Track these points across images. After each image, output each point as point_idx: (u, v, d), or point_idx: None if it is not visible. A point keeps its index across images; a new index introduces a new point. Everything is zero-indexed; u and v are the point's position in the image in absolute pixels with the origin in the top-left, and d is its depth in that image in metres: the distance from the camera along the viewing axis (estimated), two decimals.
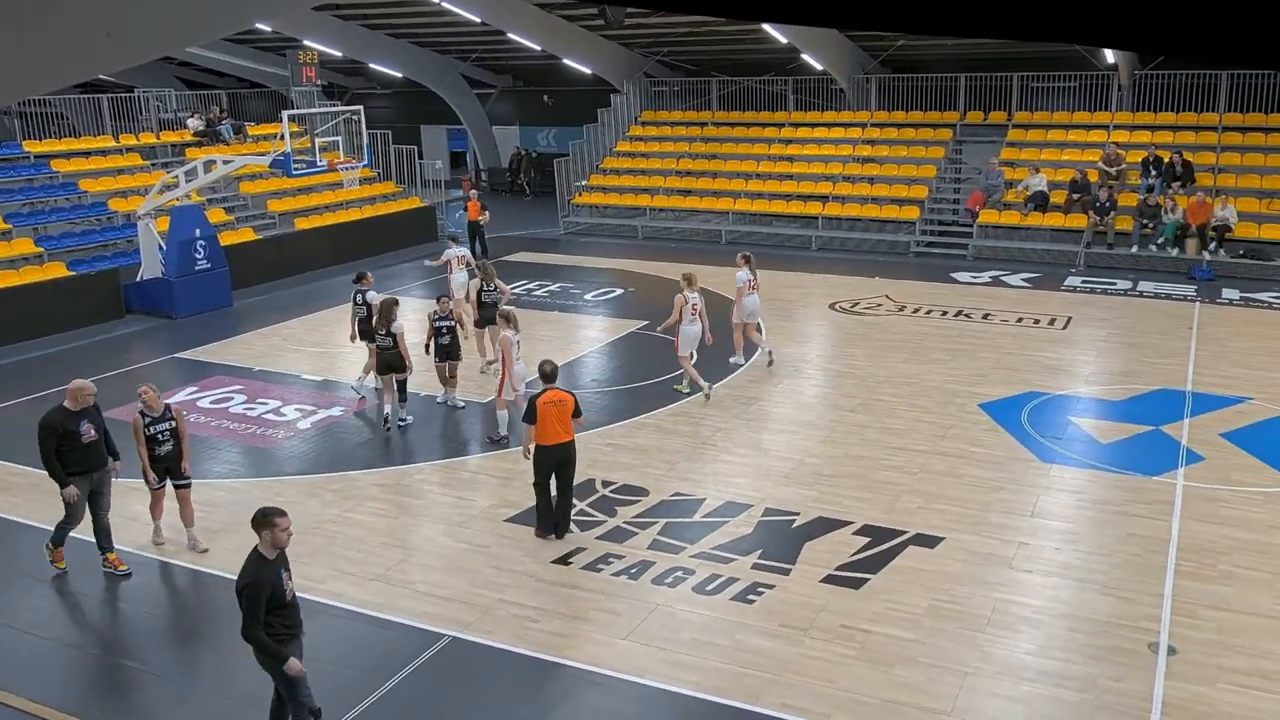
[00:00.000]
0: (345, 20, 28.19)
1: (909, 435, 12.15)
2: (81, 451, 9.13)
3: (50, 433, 9.02)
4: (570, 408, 9.80)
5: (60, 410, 9.15)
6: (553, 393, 9.82)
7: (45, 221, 20.34)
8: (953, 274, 20.87)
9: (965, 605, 8.45)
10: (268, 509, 6.51)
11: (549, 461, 9.78)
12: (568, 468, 9.89)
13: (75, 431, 9.08)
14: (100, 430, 9.29)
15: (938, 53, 26.30)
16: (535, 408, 9.68)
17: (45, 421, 9.07)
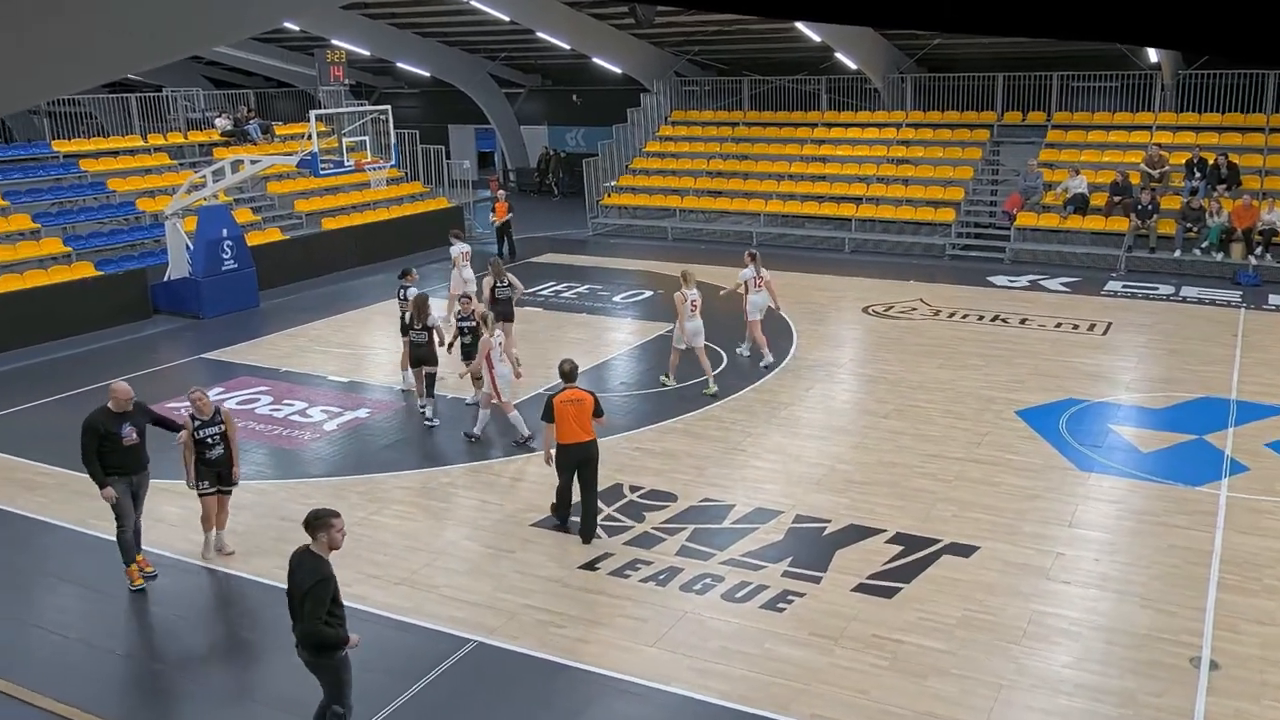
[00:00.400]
0: (373, 19, 28.22)
1: (943, 442, 11.93)
2: (121, 454, 9.05)
3: (92, 434, 8.95)
4: (589, 407, 9.73)
5: (102, 411, 9.08)
6: (571, 391, 9.77)
7: (74, 221, 20.45)
8: (989, 278, 20.56)
9: (1000, 616, 8.29)
10: (322, 510, 6.52)
11: (569, 461, 9.75)
12: (589, 467, 9.80)
13: (116, 434, 9.01)
14: (142, 433, 9.20)
15: (974, 51, 25.96)
16: (552, 406, 9.67)
17: (87, 422, 9.00)
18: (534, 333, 16.86)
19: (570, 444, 9.69)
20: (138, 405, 9.27)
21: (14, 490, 11.35)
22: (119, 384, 9.22)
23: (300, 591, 6.32)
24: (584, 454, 9.75)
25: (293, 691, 7.16)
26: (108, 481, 8.98)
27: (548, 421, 9.74)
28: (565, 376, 9.93)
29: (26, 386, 15.01)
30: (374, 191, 23.97)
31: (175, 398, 14.20)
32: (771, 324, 16.17)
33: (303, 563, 6.44)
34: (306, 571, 6.37)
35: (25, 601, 9.17)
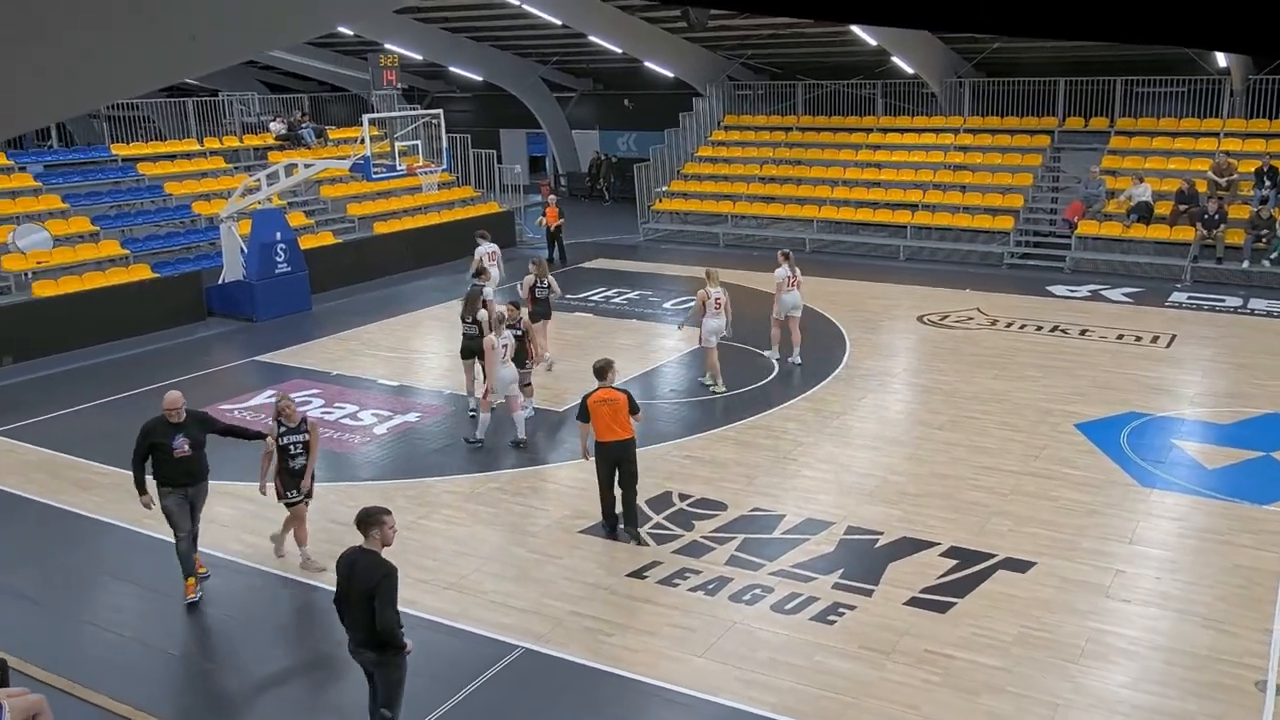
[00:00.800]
0: (426, 23, 28.42)
1: (999, 455, 11.70)
2: (171, 465, 8.85)
3: (143, 438, 8.87)
4: (623, 405, 9.78)
5: (158, 419, 8.92)
6: (604, 391, 9.84)
7: (132, 224, 20.78)
8: (1049, 287, 20.17)
9: (1057, 634, 8.10)
10: (373, 508, 6.55)
11: (605, 459, 9.83)
12: (626, 465, 9.87)
13: (167, 444, 8.83)
14: (196, 446, 8.95)
15: (1035, 55, 25.52)
16: (586, 406, 9.82)
17: (143, 426, 8.93)
18: (584, 338, 16.84)
19: (606, 442, 9.79)
20: (194, 417, 9.08)
21: (70, 489, 11.53)
22: (169, 394, 9.07)
23: (365, 588, 6.32)
24: (620, 452, 9.83)
25: (342, 694, 7.17)
26: (145, 488, 8.88)
27: (583, 421, 9.90)
28: (598, 375, 10.00)
29: (84, 387, 15.26)
30: (425, 196, 24.13)
31: (229, 399, 14.40)
32: (824, 332, 16.05)
33: (358, 561, 6.46)
34: (367, 569, 6.38)
35: (81, 600, 9.29)
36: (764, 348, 15.70)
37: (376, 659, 6.54)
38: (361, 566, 6.41)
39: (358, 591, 6.38)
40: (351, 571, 6.45)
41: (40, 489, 11.54)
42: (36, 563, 9.92)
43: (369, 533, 6.45)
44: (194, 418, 9.07)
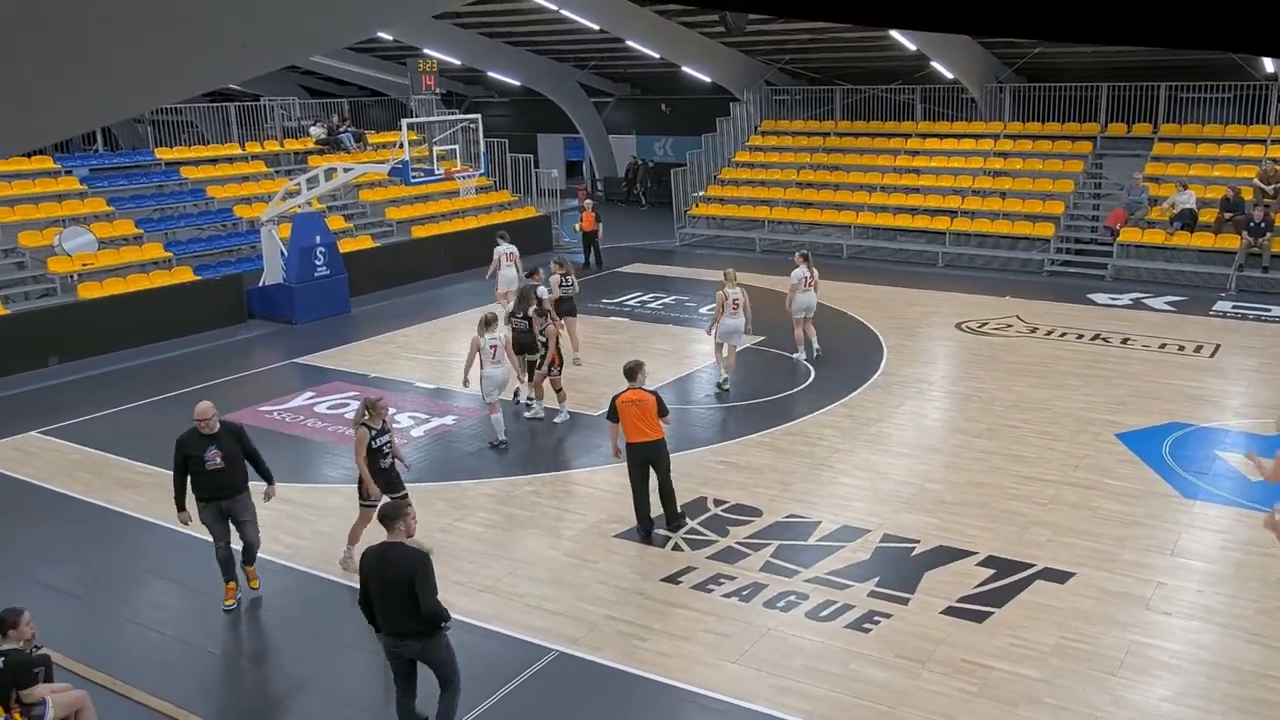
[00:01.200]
0: (465, 29, 28.59)
1: (1039, 464, 11.58)
2: (205, 477, 8.71)
3: (177, 450, 8.75)
4: (652, 406, 9.85)
5: (191, 431, 8.77)
6: (633, 392, 9.93)
7: (175, 227, 21.06)
8: (1090, 295, 19.92)
9: (1096, 646, 8.00)
10: (393, 502, 6.89)
11: (634, 460, 9.93)
12: (658, 464, 9.99)
13: (199, 456, 8.67)
14: (229, 458, 8.75)
15: (1077, 60, 25.25)
16: (615, 407, 9.93)
17: (177, 439, 8.81)
18: (620, 343, 16.85)
19: (635, 443, 9.89)
20: (228, 428, 8.90)
21: (113, 488, 11.70)
22: (200, 404, 8.88)
23: (404, 576, 6.45)
24: (649, 453, 9.91)
25: (377, 694, 7.21)
26: (184, 505, 8.78)
27: (612, 421, 10.01)
28: (627, 376, 10.09)
29: (127, 387, 15.48)
30: (463, 200, 24.27)
31: (269, 401, 14.55)
32: (861, 338, 15.98)
33: (388, 553, 6.57)
34: (401, 558, 6.51)
35: (123, 597, 9.42)
36: (792, 351, 15.72)
37: (423, 646, 6.65)
38: (393, 557, 6.53)
39: (395, 582, 6.47)
40: (384, 564, 6.53)
41: (84, 488, 11.72)
42: (80, 560, 10.08)
43: (393, 526, 6.60)
44: (228, 429, 8.88)
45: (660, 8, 24.50)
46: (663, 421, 9.96)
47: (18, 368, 16.17)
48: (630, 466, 9.99)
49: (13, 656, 6.59)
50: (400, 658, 6.76)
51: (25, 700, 6.54)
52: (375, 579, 6.57)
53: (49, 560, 10.02)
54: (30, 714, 6.50)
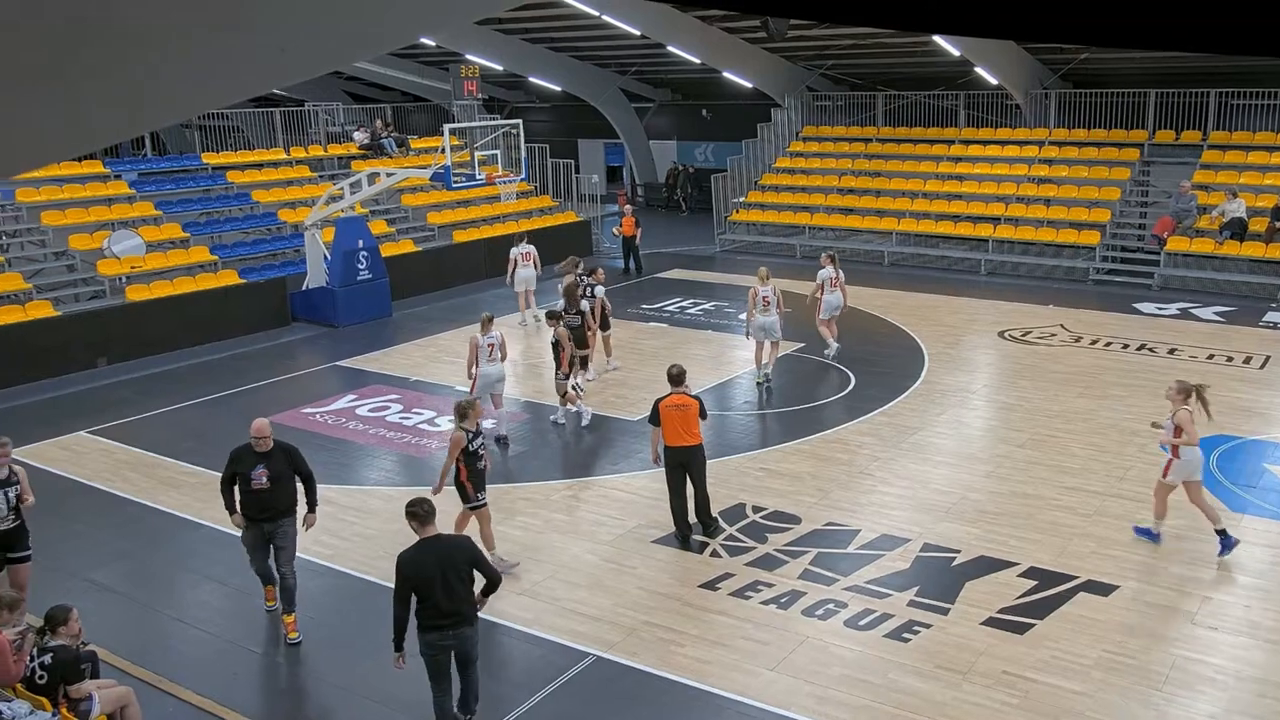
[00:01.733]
0: (507, 34, 28.76)
1: (1082, 475, 11.43)
2: (250, 496, 8.37)
3: (228, 464, 8.49)
4: (695, 411, 9.92)
5: (245, 446, 8.47)
6: (676, 396, 9.96)
7: (220, 231, 21.36)
8: (1135, 304, 19.64)
9: (1140, 659, 7.89)
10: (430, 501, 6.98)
11: (672, 464, 9.96)
12: (694, 469, 10.01)
13: (246, 474, 8.35)
14: (277, 479, 8.39)
15: (1124, 66, 24.92)
16: (657, 410, 9.95)
17: (231, 452, 8.53)
18: (658, 349, 16.86)
19: (674, 447, 9.91)
20: (282, 448, 8.55)
21: (159, 488, 11.87)
22: (256, 421, 8.57)
23: (466, 560, 6.82)
24: (685, 457, 9.94)
25: (417, 694, 7.26)
26: (235, 509, 8.52)
27: (654, 425, 10.02)
28: (673, 380, 10.10)
29: (173, 388, 15.71)
30: (504, 205, 24.39)
31: (311, 403, 14.70)
32: (902, 346, 15.87)
33: (440, 545, 6.84)
34: (454, 546, 6.90)
35: (168, 596, 9.55)
36: (841, 362, 15.67)
37: (472, 631, 6.95)
38: (447, 546, 6.86)
39: (458, 567, 6.77)
40: (441, 555, 6.77)
41: (132, 488, 11.90)
42: (127, 559, 10.23)
43: (431, 523, 6.85)
44: (281, 449, 8.54)
45: (702, 13, 24.49)
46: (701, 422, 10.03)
47: (67, 368, 16.47)
48: (668, 470, 10.04)
49: (61, 653, 6.71)
50: (448, 650, 6.90)
51: (73, 696, 6.65)
52: (437, 572, 6.71)
53: (97, 559, 10.18)
54: (78, 709, 6.61)
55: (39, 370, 16.16)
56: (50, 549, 9.78)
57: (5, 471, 8.48)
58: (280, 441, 8.59)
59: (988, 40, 21.36)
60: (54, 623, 6.82)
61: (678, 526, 10.07)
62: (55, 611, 6.90)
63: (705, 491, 10.16)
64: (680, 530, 10.06)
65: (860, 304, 19.78)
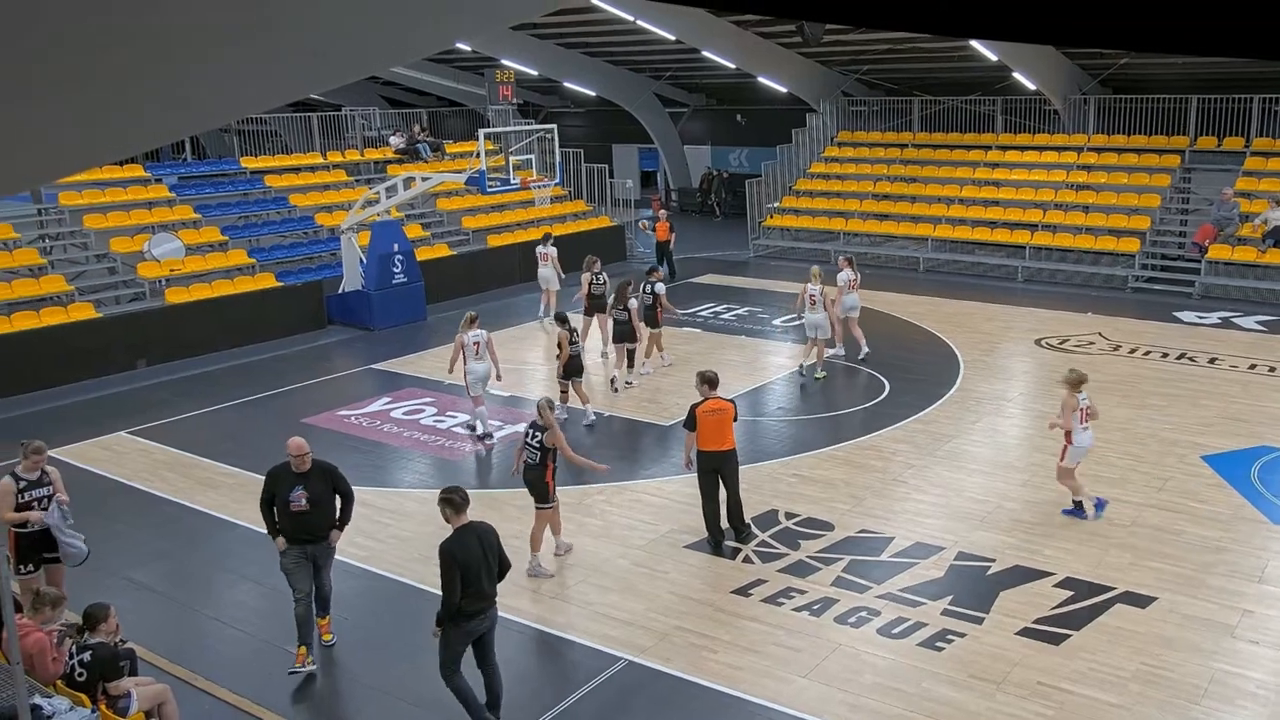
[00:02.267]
0: (542, 39, 28.87)
1: (1120, 485, 11.29)
2: (288, 518, 8.11)
3: (266, 484, 8.24)
4: (731, 415, 9.94)
5: (283, 466, 8.21)
6: (713, 401, 9.94)
7: (258, 234, 21.57)
8: (1175, 313, 19.40)
9: (1178, 673, 7.78)
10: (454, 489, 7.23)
11: (705, 468, 9.96)
12: (727, 474, 9.99)
13: (285, 497, 8.09)
14: (316, 501, 8.13)
15: (1165, 72, 24.60)
16: (694, 415, 9.90)
17: (268, 472, 8.31)
18: (692, 354, 16.84)
19: (708, 451, 9.89)
20: (321, 468, 8.26)
21: (196, 488, 12.00)
22: (293, 439, 8.31)
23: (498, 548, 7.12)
24: (721, 461, 9.93)
25: (449, 695, 7.28)
26: (277, 533, 8.24)
27: (690, 430, 9.98)
28: (709, 385, 10.06)
29: (210, 390, 15.89)
30: (538, 209, 24.47)
31: (347, 405, 14.82)
32: (937, 353, 15.75)
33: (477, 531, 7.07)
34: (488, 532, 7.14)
35: (205, 595, 9.66)
36: (875, 368, 15.61)
37: (496, 613, 7.25)
38: (483, 531, 7.10)
39: (495, 553, 7.09)
40: (482, 539, 7.04)
41: (170, 488, 12.05)
42: (165, 558, 10.36)
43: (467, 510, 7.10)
44: (320, 469, 8.25)
45: (737, 18, 24.49)
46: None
47: (108, 369, 16.70)
48: (700, 475, 10.04)
49: (100, 650, 6.80)
50: (478, 633, 7.14)
51: (111, 693, 6.74)
52: (477, 558, 6.95)
53: (136, 558, 10.32)
54: (116, 706, 6.69)
55: (80, 371, 16.40)
56: (90, 548, 9.88)
57: (38, 474, 8.62)
58: (319, 461, 8.30)
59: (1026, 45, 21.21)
60: (93, 621, 6.92)
61: (710, 531, 10.06)
62: (94, 609, 6.99)
63: (738, 497, 10.15)
64: (713, 535, 10.05)
65: (895, 310, 19.68)
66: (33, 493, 8.56)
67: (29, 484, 8.56)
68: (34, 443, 8.67)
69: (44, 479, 8.66)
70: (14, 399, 15.43)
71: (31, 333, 16.32)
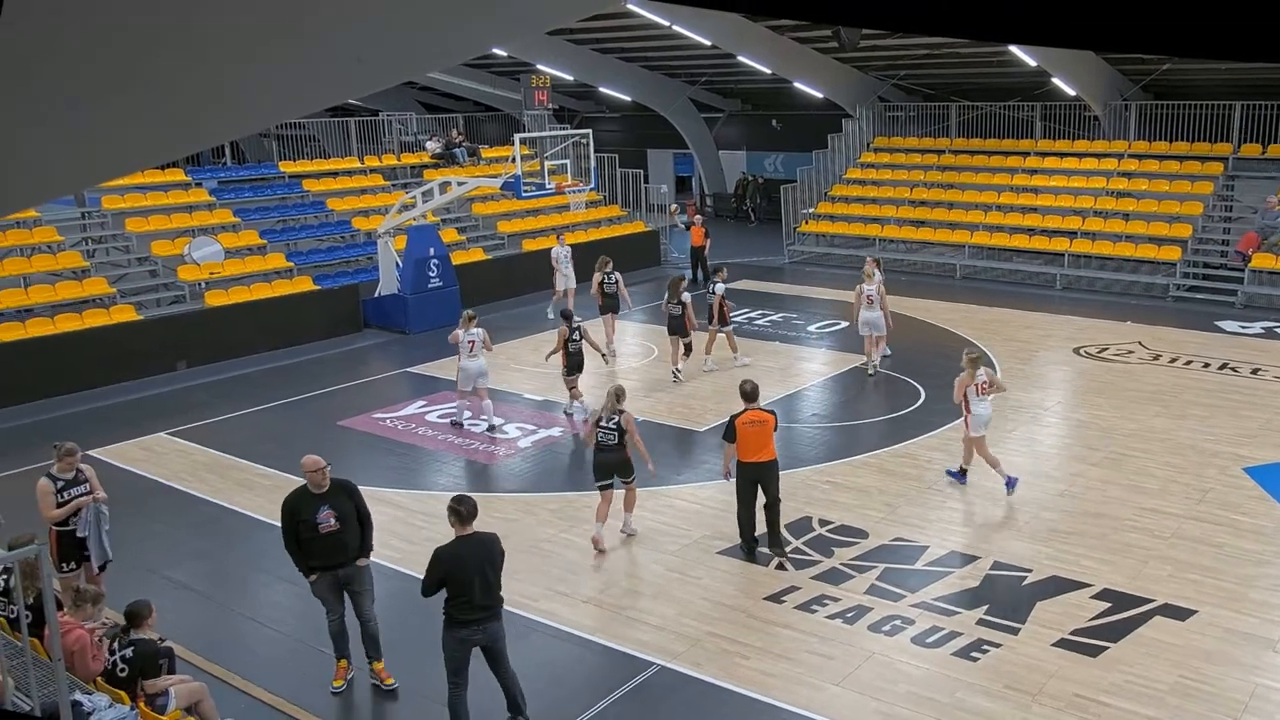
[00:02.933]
0: (577, 45, 28.96)
1: (1160, 496, 11.14)
2: (319, 542, 7.72)
3: (287, 516, 7.82)
4: (771, 426, 9.85)
5: (299, 492, 7.88)
6: (753, 413, 9.84)
7: (296, 238, 21.79)
8: (1217, 322, 19.10)
9: (1218, 687, 7.67)
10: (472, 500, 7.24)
11: (746, 477, 9.87)
12: (768, 485, 9.91)
13: (312, 520, 7.72)
14: (345, 518, 7.81)
15: (1208, 78, 24.28)
16: (734, 427, 9.79)
17: (284, 503, 7.91)
18: (725, 359, 16.81)
19: (751, 463, 9.79)
20: (339, 485, 7.92)
21: (234, 489, 12.13)
22: (308, 457, 7.89)
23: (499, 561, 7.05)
24: (760, 473, 9.84)
25: (481, 699, 7.31)
26: (312, 569, 7.85)
27: (729, 441, 9.87)
28: (747, 397, 9.96)
29: (248, 392, 16.06)
30: (573, 214, 24.55)
31: (382, 409, 14.93)
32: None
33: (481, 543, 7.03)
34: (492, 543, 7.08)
35: (241, 595, 9.76)
36: (910, 375, 15.51)
37: (499, 626, 7.15)
38: (485, 542, 7.05)
39: (495, 561, 7.03)
40: (480, 551, 6.99)
41: (208, 488, 12.19)
42: (203, 558, 10.48)
43: (472, 522, 7.07)
44: (340, 486, 7.93)
45: (773, 23, 24.44)
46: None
47: (148, 370, 16.92)
48: (740, 484, 9.93)
49: (142, 646, 6.90)
50: (474, 645, 7.13)
51: (148, 691, 6.82)
52: (476, 568, 6.94)
53: (174, 557, 10.44)
54: (154, 704, 6.77)
55: (122, 372, 16.63)
56: (130, 547, 10.03)
57: (73, 473, 8.75)
58: (336, 478, 7.95)
59: (1066, 50, 21.00)
60: (137, 618, 7.02)
61: (744, 538, 10.02)
62: (137, 606, 7.10)
63: (778, 507, 10.03)
64: (746, 542, 10.02)
65: (931, 317, 19.55)
66: (70, 491, 8.69)
67: (66, 483, 8.70)
68: (65, 444, 8.81)
69: (80, 477, 8.78)
70: (57, 399, 15.68)
71: (74, 334, 16.58)
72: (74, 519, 8.71)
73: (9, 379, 15.46)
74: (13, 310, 16.83)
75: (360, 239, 22.36)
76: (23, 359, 15.83)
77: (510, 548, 10.13)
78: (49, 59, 1.77)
